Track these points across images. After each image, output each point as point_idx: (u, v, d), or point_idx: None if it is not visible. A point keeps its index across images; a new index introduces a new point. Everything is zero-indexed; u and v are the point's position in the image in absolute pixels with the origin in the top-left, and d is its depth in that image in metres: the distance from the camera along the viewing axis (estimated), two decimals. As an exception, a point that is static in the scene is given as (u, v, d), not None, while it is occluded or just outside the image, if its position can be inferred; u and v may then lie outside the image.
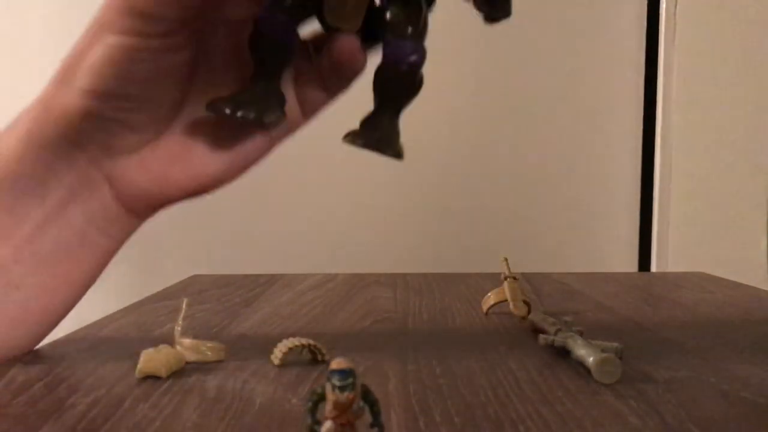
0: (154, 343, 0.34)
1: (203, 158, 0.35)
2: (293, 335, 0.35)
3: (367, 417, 0.21)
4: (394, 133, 0.33)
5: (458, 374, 0.32)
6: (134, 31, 0.31)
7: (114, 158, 0.34)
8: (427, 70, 0.34)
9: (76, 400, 0.28)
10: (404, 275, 0.66)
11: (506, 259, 0.48)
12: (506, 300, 0.47)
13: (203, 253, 0.90)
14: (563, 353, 0.35)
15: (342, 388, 0.20)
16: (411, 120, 0.38)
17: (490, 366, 0.34)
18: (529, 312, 0.45)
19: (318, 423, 0.20)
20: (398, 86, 0.33)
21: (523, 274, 0.64)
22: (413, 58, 0.32)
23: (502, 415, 0.26)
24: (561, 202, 0.90)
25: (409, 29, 0.32)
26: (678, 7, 0.88)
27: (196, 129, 0.35)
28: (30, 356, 0.36)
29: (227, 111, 0.32)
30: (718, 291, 0.59)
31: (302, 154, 0.89)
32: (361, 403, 0.20)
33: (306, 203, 0.92)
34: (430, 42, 0.33)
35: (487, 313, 0.48)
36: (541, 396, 0.29)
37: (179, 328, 0.35)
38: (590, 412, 0.26)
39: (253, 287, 0.60)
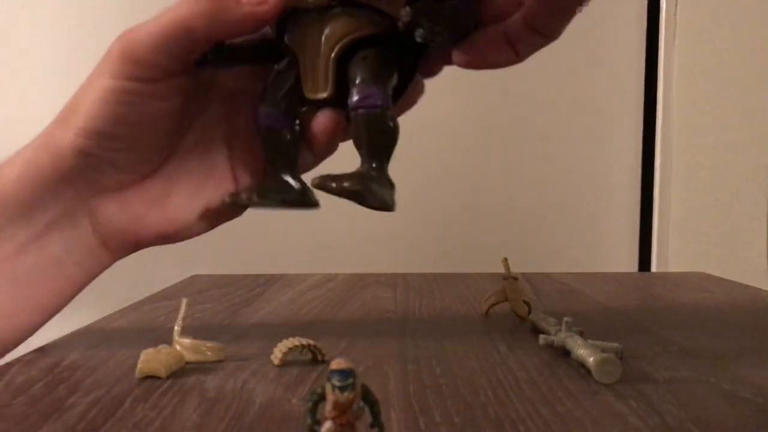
0: (154, 343, 0.34)
1: (180, 205, 0.38)
2: (293, 335, 0.35)
3: (367, 417, 0.21)
4: (374, 182, 0.32)
5: (458, 374, 0.32)
6: (126, 76, 0.34)
7: (99, 195, 0.37)
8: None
9: (76, 400, 0.28)
10: (404, 275, 0.66)
11: (506, 259, 0.48)
12: (506, 300, 0.47)
13: (203, 253, 0.90)
14: (563, 353, 0.35)
15: (342, 389, 0.20)
16: (411, 120, 0.38)
17: (490, 366, 0.34)
18: (529, 312, 0.45)
19: (318, 423, 0.20)
20: (366, 133, 0.32)
21: (523, 274, 0.64)
22: (368, 101, 0.32)
23: (502, 415, 0.26)
24: (561, 202, 0.90)
25: (363, 77, 0.32)
26: (678, 7, 0.88)
27: (178, 177, 0.38)
28: (30, 356, 0.36)
29: (256, 200, 0.36)
30: (718, 291, 0.59)
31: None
32: (361, 404, 0.20)
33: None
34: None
35: (487, 313, 0.48)
36: (541, 396, 0.29)
37: (179, 328, 0.35)
38: (590, 412, 0.26)
39: (253, 287, 0.60)
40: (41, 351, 0.37)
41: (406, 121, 0.35)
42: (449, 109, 0.88)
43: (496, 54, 0.34)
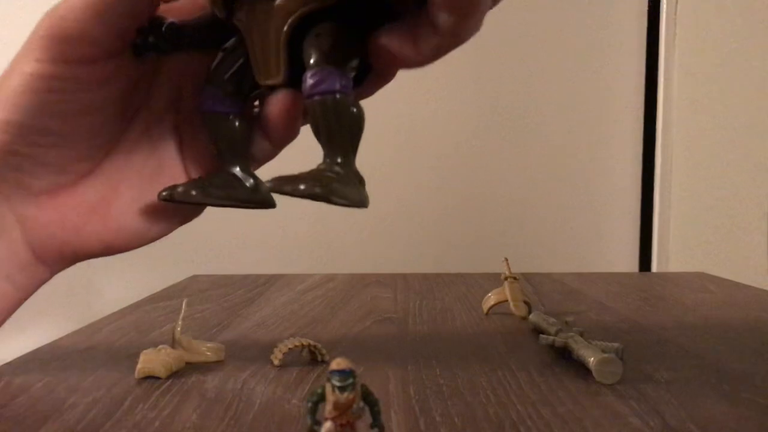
0: (154, 343, 0.34)
1: (125, 209, 0.32)
2: (293, 335, 0.35)
3: (367, 417, 0.21)
4: (336, 180, 0.27)
5: (458, 374, 0.32)
6: (56, 58, 0.28)
7: (27, 199, 0.31)
8: (427, 69, 0.33)
9: (76, 400, 0.28)
10: (404, 275, 0.66)
11: (506, 260, 0.48)
12: (506, 300, 0.47)
13: (203, 253, 0.90)
14: (564, 353, 0.35)
15: (342, 389, 0.20)
16: (412, 120, 0.38)
17: (491, 366, 0.34)
18: (529, 312, 0.45)
19: (318, 423, 0.20)
20: (320, 119, 0.28)
21: (523, 274, 0.64)
22: (323, 86, 0.27)
23: (502, 415, 0.26)
24: (561, 202, 0.90)
25: (317, 57, 0.28)
26: (678, 7, 0.88)
27: (121, 176, 0.32)
28: (30, 356, 0.36)
29: (213, 199, 0.31)
30: (718, 291, 0.59)
31: (302, 153, 0.89)
32: (361, 404, 0.20)
33: (306, 203, 0.92)
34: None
35: (487, 314, 0.48)
36: (542, 396, 0.29)
37: (179, 328, 0.35)
38: (591, 412, 0.26)
39: (253, 287, 0.60)
40: (41, 351, 0.37)
41: (406, 121, 0.35)
42: (449, 109, 0.88)
43: (400, 49, 0.28)
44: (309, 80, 0.27)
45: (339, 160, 0.28)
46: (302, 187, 0.26)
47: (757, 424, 0.25)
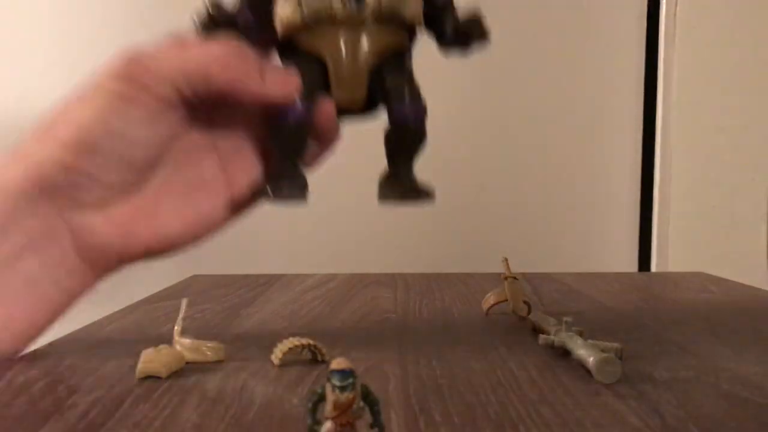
0: (154, 343, 0.34)
1: (169, 218, 0.36)
2: (293, 335, 0.35)
3: (367, 417, 0.21)
4: (416, 181, 0.38)
5: (458, 374, 0.32)
6: (130, 99, 0.33)
7: (81, 210, 0.34)
8: (427, 70, 0.34)
9: (76, 400, 0.28)
10: (404, 275, 0.66)
11: (506, 259, 0.48)
12: (506, 300, 0.47)
13: (203, 253, 0.90)
14: (563, 353, 0.35)
15: (342, 389, 0.20)
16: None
17: (490, 366, 0.34)
18: (529, 312, 0.45)
19: (318, 423, 0.20)
20: (410, 142, 0.37)
21: (523, 274, 0.64)
22: (417, 115, 0.37)
23: (502, 415, 0.26)
24: (561, 202, 0.90)
25: (407, 92, 0.37)
26: (678, 7, 0.88)
27: (166, 189, 0.36)
28: (30, 356, 0.36)
29: (272, 194, 0.36)
30: (718, 291, 0.59)
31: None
32: (361, 404, 0.20)
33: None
34: (432, 43, 0.34)
35: (487, 313, 0.48)
36: (541, 396, 0.29)
37: (179, 328, 0.35)
38: (590, 412, 0.26)
39: (253, 287, 0.60)
40: (41, 351, 0.37)
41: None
42: (449, 110, 0.88)
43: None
44: (405, 110, 0.36)
45: (407, 168, 0.38)
46: (412, 194, 0.37)
47: (757, 424, 0.25)
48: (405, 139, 0.37)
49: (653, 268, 0.90)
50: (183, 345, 0.34)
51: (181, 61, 0.34)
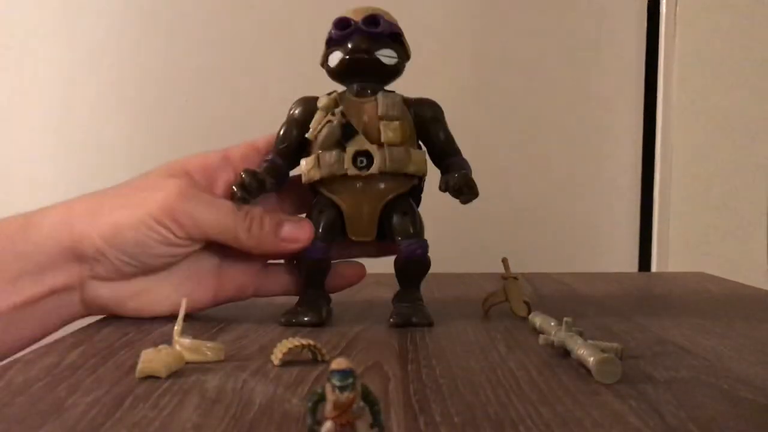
0: (154, 343, 0.34)
1: (160, 298, 0.45)
2: (293, 335, 0.35)
3: (367, 417, 0.21)
4: (421, 305, 0.45)
5: (458, 374, 0.32)
6: (163, 226, 0.42)
7: (95, 279, 0.44)
8: (428, 70, 0.34)
9: (76, 400, 0.28)
10: (404, 275, 0.66)
11: (506, 259, 0.48)
12: (506, 300, 0.47)
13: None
14: (563, 353, 0.35)
15: (342, 389, 0.20)
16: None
17: (490, 366, 0.34)
18: (529, 312, 0.45)
19: (318, 423, 0.20)
20: (415, 271, 0.45)
21: (523, 274, 0.64)
22: (420, 251, 0.45)
23: (502, 415, 0.26)
24: (561, 202, 0.90)
25: (411, 230, 0.44)
26: (678, 7, 0.88)
27: (166, 279, 0.45)
28: (30, 356, 0.36)
29: (294, 321, 0.43)
30: (718, 291, 0.59)
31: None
32: (361, 404, 0.20)
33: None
34: (431, 43, 0.34)
35: (487, 313, 0.48)
36: (541, 396, 0.29)
37: (179, 328, 0.35)
38: (590, 412, 0.26)
39: (253, 287, 0.60)
40: (41, 351, 0.37)
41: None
42: (448, 110, 0.88)
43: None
44: (412, 247, 0.44)
45: (413, 291, 0.46)
46: (414, 320, 0.43)
47: (757, 424, 0.25)
48: (412, 269, 0.45)
49: (653, 268, 0.90)
50: (183, 345, 0.34)
51: (216, 213, 0.43)
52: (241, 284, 0.48)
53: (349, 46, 0.44)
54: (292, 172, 0.47)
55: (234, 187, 0.44)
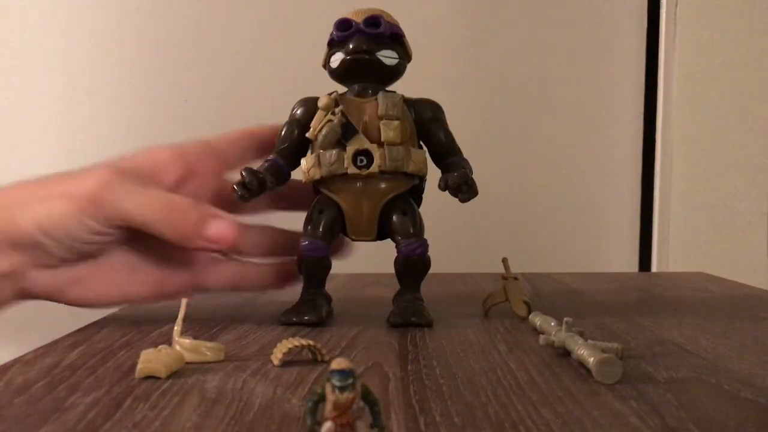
0: (154, 343, 0.34)
1: (99, 288, 0.45)
2: (293, 335, 0.35)
3: (367, 417, 0.21)
4: (421, 305, 0.45)
5: (458, 374, 0.32)
6: (90, 216, 0.42)
7: (36, 267, 0.43)
8: (428, 70, 0.34)
9: (76, 400, 0.28)
10: (404, 275, 0.66)
11: (506, 259, 0.48)
12: (506, 300, 0.47)
13: (203, 253, 0.90)
14: (563, 353, 0.35)
15: (342, 389, 0.20)
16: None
17: (491, 366, 0.34)
18: (529, 312, 0.45)
19: (318, 423, 0.20)
20: (415, 270, 0.45)
21: (523, 274, 0.64)
22: (419, 250, 0.44)
23: (502, 415, 0.26)
24: (561, 202, 0.90)
25: (411, 230, 0.45)
26: (678, 7, 0.88)
27: (106, 267, 0.45)
28: (30, 356, 0.36)
29: (295, 320, 0.44)
30: (718, 291, 0.59)
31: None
32: (361, 404, 0.20)
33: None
34: (432, 43, 0.34)
35: (487, 314, 0.48)
36: (542, 396, 0.29)
37: (179, 329, 0.35)
38: (590, 412, 0.26)
39: (253, 287, 0.60)
40: (41, 351, 0.37)
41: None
42: (448, 110, 0.88)
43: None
44: (411, 246, 0.44)
45: (413, 291, 0.46)
46: (414, 320, 0.43)
47: (757, 424, 0.25)
48: (411, 269, 0.45)
49: (653, 268, 0.90)
50: (183, 345, 0.34)
51: (140, 207, 0.42)
52: (188, 279, 0.47)
53: (350, 46, 0.45)
54: (292, 173, 0.47)
55: (234, 185, 0.44)
